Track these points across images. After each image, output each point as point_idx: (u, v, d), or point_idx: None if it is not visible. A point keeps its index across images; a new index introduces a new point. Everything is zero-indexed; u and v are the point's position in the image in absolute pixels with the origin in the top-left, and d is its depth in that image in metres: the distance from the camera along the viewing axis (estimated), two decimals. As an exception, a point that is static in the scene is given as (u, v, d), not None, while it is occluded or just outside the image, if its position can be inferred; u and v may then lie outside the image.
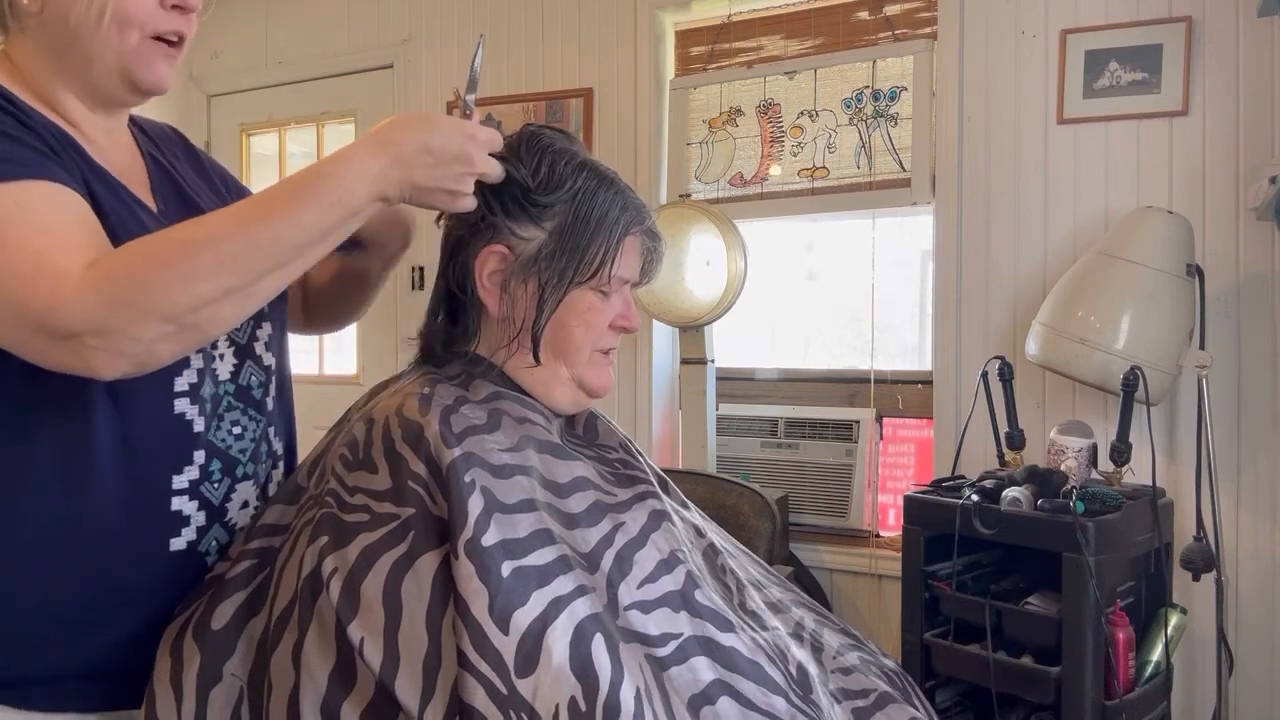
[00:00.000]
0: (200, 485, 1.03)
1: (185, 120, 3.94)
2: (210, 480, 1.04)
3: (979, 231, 2.53)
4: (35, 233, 0.86)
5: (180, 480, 1.02)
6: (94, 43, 0.97)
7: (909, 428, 2.83)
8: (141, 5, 0.98)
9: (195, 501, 1.03)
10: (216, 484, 1.05)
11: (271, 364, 1.14)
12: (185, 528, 1.02)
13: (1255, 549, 2.23)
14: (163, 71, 1.02)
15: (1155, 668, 1.93)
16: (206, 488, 1.04)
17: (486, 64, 3.23)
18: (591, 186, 1.08)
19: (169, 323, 0.87)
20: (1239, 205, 2.24)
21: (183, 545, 1.02)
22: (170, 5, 0.99)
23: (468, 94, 1.08)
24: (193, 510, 1.03)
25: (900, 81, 2.64)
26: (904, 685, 1.18)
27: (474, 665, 0.85)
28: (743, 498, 2.50)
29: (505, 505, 0.95)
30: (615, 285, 1.10)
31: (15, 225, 0.86)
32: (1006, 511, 1.89)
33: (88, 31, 0.97)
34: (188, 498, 1.02)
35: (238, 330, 1.08)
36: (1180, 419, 2.28)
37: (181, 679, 0.97)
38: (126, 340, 0.86)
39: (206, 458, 1.04)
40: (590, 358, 1.10)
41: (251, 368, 1.10)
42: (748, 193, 2.85)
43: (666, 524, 1.05)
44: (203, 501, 1.03)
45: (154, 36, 1.00)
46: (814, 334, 3.42)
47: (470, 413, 1.02)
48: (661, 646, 0.94)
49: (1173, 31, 2.30)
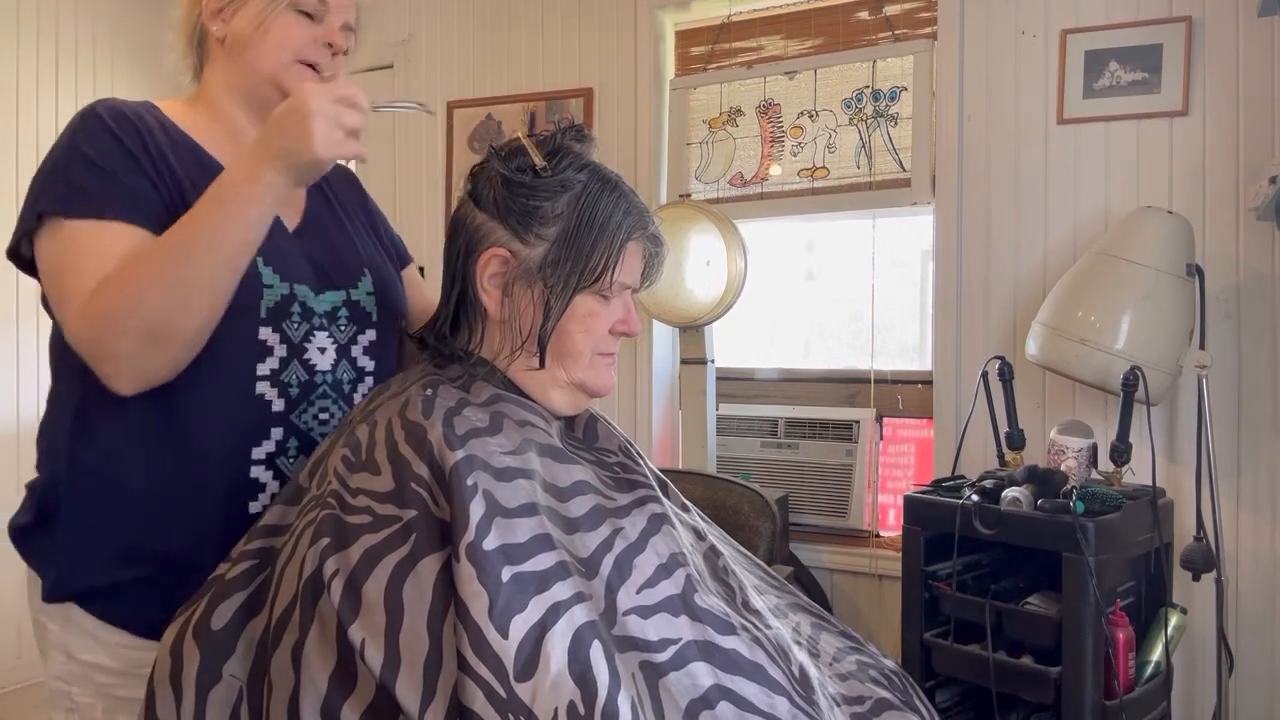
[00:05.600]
0: (276, 458, 1.17)
1: (185, 120, 3.95)
2: (286, 455, 1.18)
3: (979, 231, 2.53)
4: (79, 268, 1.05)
5: (259, 452, 1.16)
6: (257, 55, 1.21)
7: (909, 428, 2.83)
8: (297, 35, 1.21)
9: (270, 471, 1.16)
10: (292, 459, 1.18)
11: (366, 366, 1.27)
12: (261, 494, 1.16)
13: (1255, 549, 2.24)
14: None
15: (1155, 668, 1.93)
16: (282, 461, 1.17)
17: (486, 64, 3.23)
18: (595, 190, 1.08)
19: (139, 336, 1.02)
20: (1239, 205, 2.24)
21: (259, 509, 1.14)
22: (323, 44, 1.23)
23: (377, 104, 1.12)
24: (268, 479, 1.16)
25: (900, 81, 2.64)
26: (904, 686, 1.18)
27: (473, 668, 0.85)
28: (743, 498, 2.50)
29: (506, 509, 0.94)
30: (616, 290, 1.10)
31: (71, 258, 1.07)
32: (1006, 511, 1.90)
33: (254, 46, 1.20)
34: (264, 468, 1.16)
35: (341, 332, 1.24)
36: (1180, 419, 2.28)
37: (181, 679, 0.97)
38: (112, 355, 1.04)
39: (285, 435, 1.17)
40: (591, 361, 1.10)
41: (345, 366, 1.24)
42: (748, 193, 2.85)
43: (666, 528, 1.05)
44: (278, 472, 1.17)
45: (302, 62, 1.22)
46: (814, 334, 3.42)
47: (472, 415, 1.02)
48: (660, 652, 0.94)
49: (1173, 31, 2.30)
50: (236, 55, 1.22)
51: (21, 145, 3.38)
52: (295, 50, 1.22)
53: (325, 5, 1.24)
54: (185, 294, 1.02)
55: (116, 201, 1.08)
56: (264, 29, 1.20)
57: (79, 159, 1.10)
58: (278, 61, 1.21)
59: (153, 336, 1.03)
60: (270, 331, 1.17)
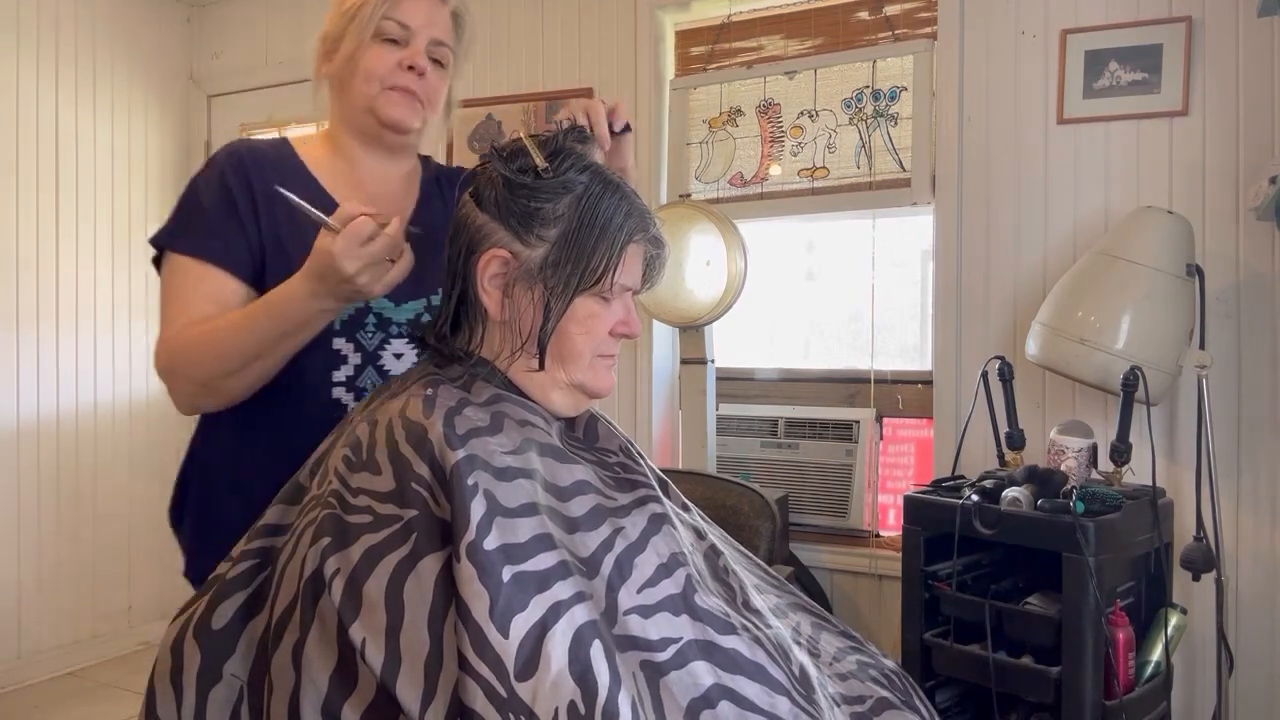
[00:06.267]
0: None
1: (185, 120, 3.95)
2: None
3: (979, 231, 2.53)
4: (174, 299, 1.25)
5: None
6: (352, 89, 1.32)
7: (909, 428, 2.83)
8: (382, 63, 1.31)
9: None
10: None
11: None
12: None
13: (1255, 549, 2.24)
14: (397, 113, 1.33)
15: (1155, 668, 1.93)
16: None
17: (486, 65, 3.23)
18: (597, 191, 1.07)
19: (196, 384, 1.22)
20: (1239, 205, 2.24)
21: None
22: (405, 67, 1.31)
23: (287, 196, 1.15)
24: None
25: (900, 81, 2.64)
26: (905, 686, 1.18)
27: (474, 668, 0.85)
28: (743, 498, 2.50)
29: (507, 509, 0.94)
30: (617, 292, 1.10)
31: (171, 289, 1.26)
32: (1006, 511, 1.90)
33: (349, 80, 1.32)
34: None
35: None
36: (1180, 419, 2.28)
37: (182, 678, 0.98)
38: (173, 389, 1.25)
39: None
40: (591, 363, 1.10)
41: None
42: (748, 193, 2.85)
43: (667, 527, 1.05)
44: None
45: (390, 87, 1.31)
46: (814, 334, 3.42)
47: (473, 415, 1.02)
48: (661, 651, 0.94)
49: (1173, 31, 2.30)
50: (339, 91, 1.35)
51: (21, 145, 3.38)
52: (382, 78, 1.31)
53: (408, 29, 1.31)
54: (238, 367, 1.19)
55: (213, 247, 1.25)
56: (354, 62, 1.31)
57: (194, 200, 1.28)
58: (368, 92, 1.31)
59: (206, 388, 1.22)
60: (344, 342, 1.30)
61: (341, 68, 1.33)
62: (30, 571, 3.38)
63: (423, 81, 1.33)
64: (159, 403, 3.85)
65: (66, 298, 3.52)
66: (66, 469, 3.50)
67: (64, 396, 3.50)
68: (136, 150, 3.78)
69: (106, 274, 3.64)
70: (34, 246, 3.42)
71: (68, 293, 3.52)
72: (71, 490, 3.53)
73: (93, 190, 3.61)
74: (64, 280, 3.51)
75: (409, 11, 1.31)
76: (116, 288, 3.67)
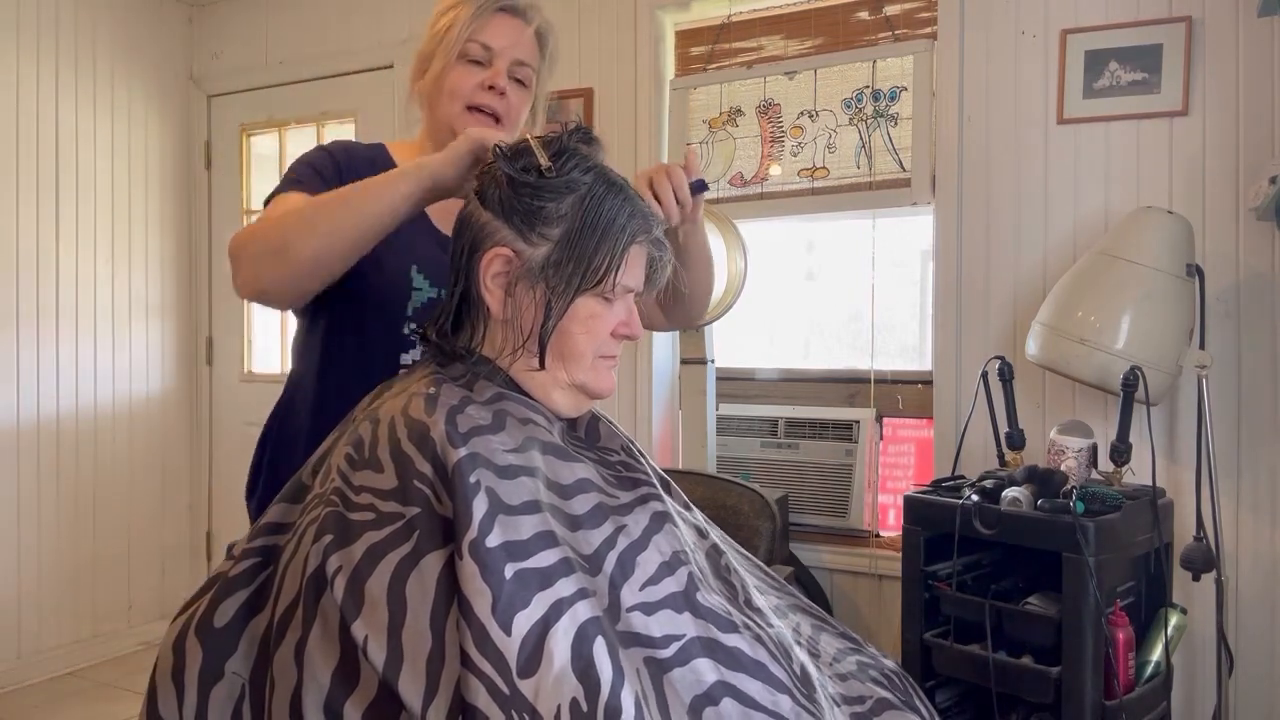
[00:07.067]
0: None
1: (185, 120, 3.95)
2: None
3: (979, 231, 2.54)
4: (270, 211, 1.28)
5: None
6: (438, 107, 1.39)
7: (909, 428, 2.83)
8: (465, 83, 1.37)
9: None
10: None
11: None
12: None
13: (1255, 549, 2.24)
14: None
15: (1155, 668, 1.94)
16: None
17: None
18: (600, 192, 1.07)
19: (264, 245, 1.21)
20: (1239, 205, 2.24)
21: None
22: (486, 87, 1.37)
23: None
24: None
25: (900, 81, 2.65)
26: (905, 686, 1.18)
27: (476, 665, 0.85)
28: (743, 498, 2.51)
29: (509, 506, 0.95)
30: (619, 293, 1.09)
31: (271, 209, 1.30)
32: (1006, 511, 1.90)
33: (435, 99, 1.39)
34: None
35: None
36: (1180, 419, 2.28)
37: (183, 676, 0.98)
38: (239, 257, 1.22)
39: None
40: (593, 364, 1.10)
41: None
42: (748, 193, 2.85)
43: (669, 525, 1.05)
44: None
45: (470, 107, 1.37)
46: (814, 334, 3.42)
47: (475, 413, 1.02)
48: (664, 648, 0.94)
49: (1173, 31, 2.30)
50: (429, 108, 1.42)
51: (22, 145, 3.38)
52: (464, 98, 1.37)
53: (491, 50, 1.37)
54: (310, 228, 1.18)
55: (314, 187, 1.30)
56: (440, 82, 1.38)
57: (298, 165, 1.37)
58: (451, 110, 1.38)
59: (276, 254, 1.19)
60: (416, 327, 1.33)
61: (430, 86, 1.40)
62: (30, 571, 3.38)
63: (503, 100, 1.38)
64: (159, 403, 3.85)
65: (66, 298, 3.52)
66: (67, 469, 3.50)
67: (64, 396, 3.50)
68: (136, 150, 3.78)
69: (106, 274, 3.64)
70: (34, 246, 3.41)
71: (68, 293, 3.52)
72: (71, 490, 3.53)
73: (93, 190, 3.61)
74: (64, 280, 3.51)
75: (493, 34, 1.37)
76: (116, 288, 3.67)
